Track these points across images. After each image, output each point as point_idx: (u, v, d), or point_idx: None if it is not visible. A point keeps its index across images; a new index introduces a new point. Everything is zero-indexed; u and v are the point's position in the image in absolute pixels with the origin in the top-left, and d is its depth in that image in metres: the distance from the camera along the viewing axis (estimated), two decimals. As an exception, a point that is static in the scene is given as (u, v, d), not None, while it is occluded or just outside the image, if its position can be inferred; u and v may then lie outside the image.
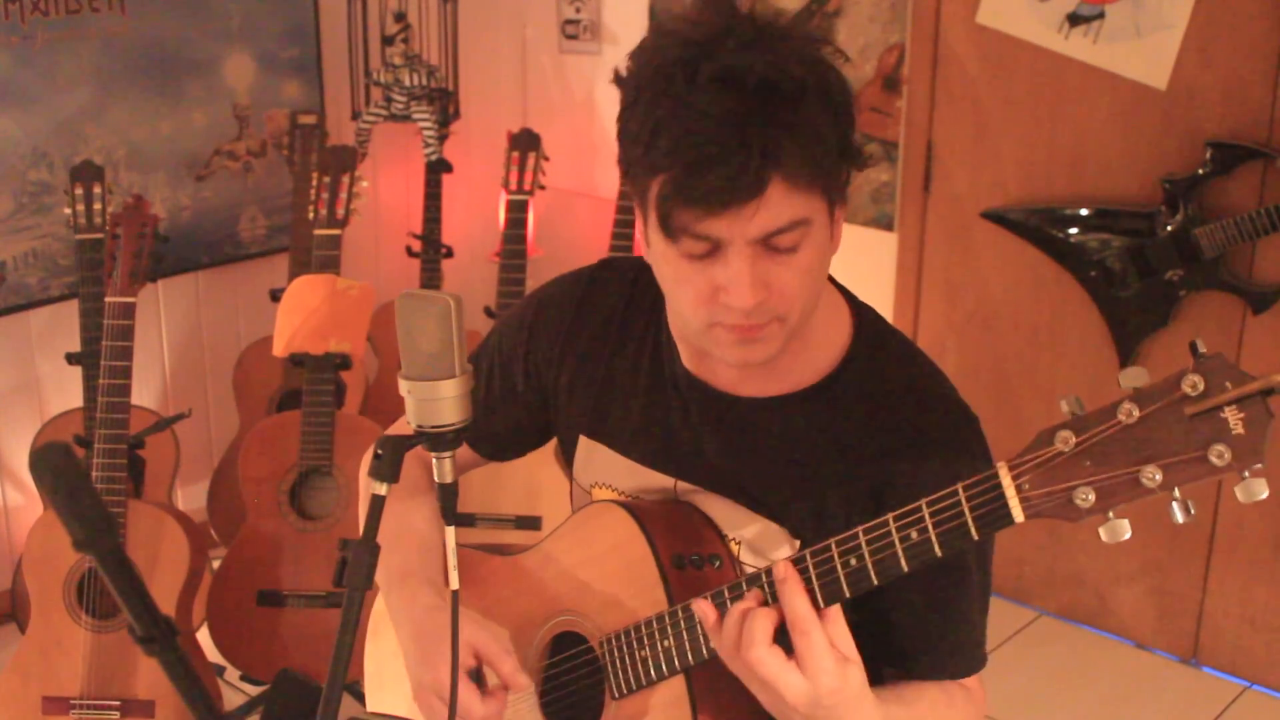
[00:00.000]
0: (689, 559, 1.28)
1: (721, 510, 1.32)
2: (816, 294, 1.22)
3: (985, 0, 3.03)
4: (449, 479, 1.09)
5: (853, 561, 1.09)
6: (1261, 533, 2.96)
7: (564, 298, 1.46)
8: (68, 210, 2.89)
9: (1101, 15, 2.91)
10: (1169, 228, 2.87)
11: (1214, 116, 2.81)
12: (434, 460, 1.08)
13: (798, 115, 1.10)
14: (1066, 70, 2.97)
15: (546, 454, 3.01)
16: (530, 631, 1.41)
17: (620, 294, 1.42)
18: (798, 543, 1.27)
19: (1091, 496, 0.94)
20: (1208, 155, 2.80)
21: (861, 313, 1.33)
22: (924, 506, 1.04)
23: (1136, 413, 0.92)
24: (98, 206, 2.87)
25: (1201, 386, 0.90)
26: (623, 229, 3.35)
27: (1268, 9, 2.71)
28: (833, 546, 1.11)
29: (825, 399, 1.28)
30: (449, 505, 1.10)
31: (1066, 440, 0.95)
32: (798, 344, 1.25)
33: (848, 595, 1.11)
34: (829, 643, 1.09)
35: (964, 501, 1.00)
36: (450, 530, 1.10)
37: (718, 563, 1.29)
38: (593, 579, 1.35)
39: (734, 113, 1.08)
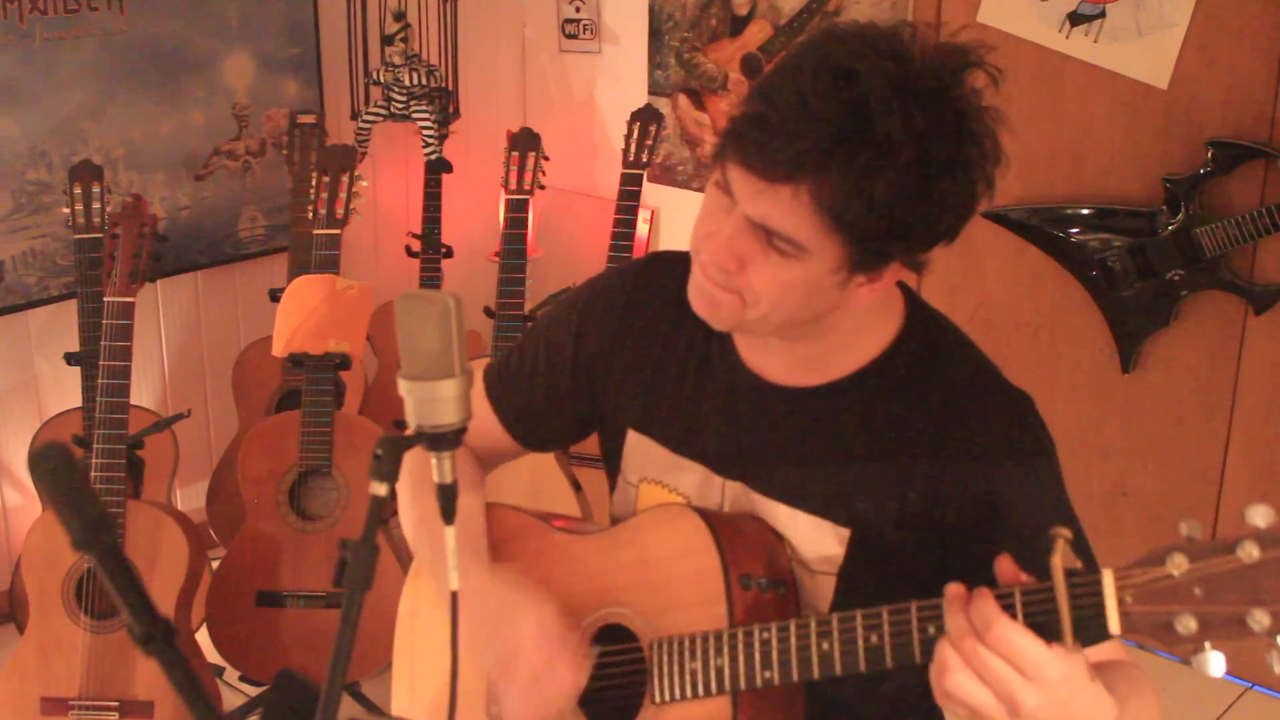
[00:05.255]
0: (756, 581, 1.27)
1: (768, 512, 1.32)
2: (791, 311, 1.21)
3: (986, -1, 3.04)
4: (449, 479, 1.09)
5: (924, 632, 1.08)
6: (1262, 533, 2.95)
7: (614, 291, 1.46)
8: (66, 210, 2.88)
9: (1102, 14, 2.91)
10: (1170, 227, 2.86)
11: (1215, 116, 2.81)
12: (433, 460, 1.08)
13: (868, 165, 1.08)
14: (1067, 69, 2.97)
15: (547, 454, 3.00)
16: (577, 615, 1.40)
17: (671, 288, 1.40)
18: (847, 533, 1.27)
19: (1193, 626, 0.92)
20: (1209, 155, 2.80)
21: (915, 303, 1.35)
22: (1016, 593, 1.00)
23: (1257, 554, 0.90)
24: (96, 206, 2.86)
25: None
26: (623, 229, 3.34)
27: (1269, 8, 2.70)
28: (910, 608, 1.09)
29: (871, 385, 1.29)
30: (449, 505, 1.10)
31: (1179, 565, 0.93)
32: (835, 337, 1.27)
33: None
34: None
35: (1066, 601, 0.97)
36: (450, 531, 1.09)
37: (783, 589, 1.29)
38: (655, 579, 1.34)
39: (831, 110, 1.08)
